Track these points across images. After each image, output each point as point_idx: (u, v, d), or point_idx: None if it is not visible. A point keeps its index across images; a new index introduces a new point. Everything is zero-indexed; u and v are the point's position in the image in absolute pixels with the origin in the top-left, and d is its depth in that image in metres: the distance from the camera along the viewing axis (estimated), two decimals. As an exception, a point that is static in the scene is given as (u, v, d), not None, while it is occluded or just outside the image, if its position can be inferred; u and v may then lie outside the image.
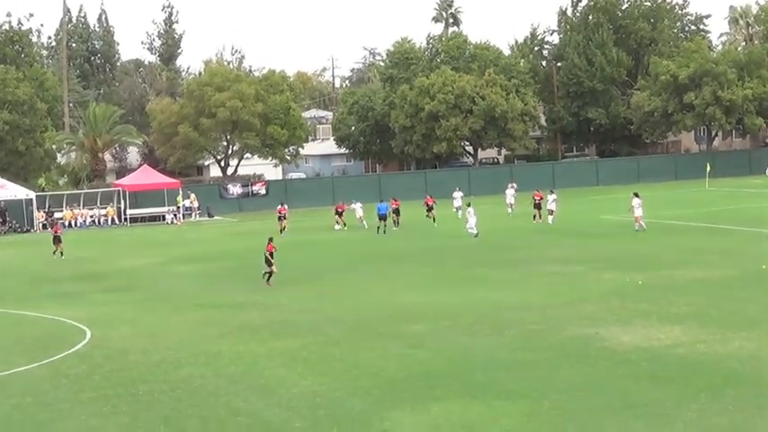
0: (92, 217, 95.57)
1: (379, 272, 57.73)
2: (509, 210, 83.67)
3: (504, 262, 58.66)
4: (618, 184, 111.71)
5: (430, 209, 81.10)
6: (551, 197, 77.28)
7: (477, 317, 43.55)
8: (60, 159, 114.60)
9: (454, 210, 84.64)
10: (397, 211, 79.23)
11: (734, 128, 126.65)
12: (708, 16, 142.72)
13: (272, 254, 53.82)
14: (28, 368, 38.10)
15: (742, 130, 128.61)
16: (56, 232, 70.25)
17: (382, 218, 76.60)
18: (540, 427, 28.28)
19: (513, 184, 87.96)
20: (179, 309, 49.15)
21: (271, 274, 53.90)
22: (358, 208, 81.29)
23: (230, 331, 43.22)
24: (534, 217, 77.75)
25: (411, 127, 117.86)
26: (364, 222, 79.45)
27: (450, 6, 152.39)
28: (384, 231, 74.56)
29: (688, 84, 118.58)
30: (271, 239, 54.35)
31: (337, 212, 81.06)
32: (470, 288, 49.37)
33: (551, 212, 76.66)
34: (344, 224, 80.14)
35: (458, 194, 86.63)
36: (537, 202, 78.12)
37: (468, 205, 71.71)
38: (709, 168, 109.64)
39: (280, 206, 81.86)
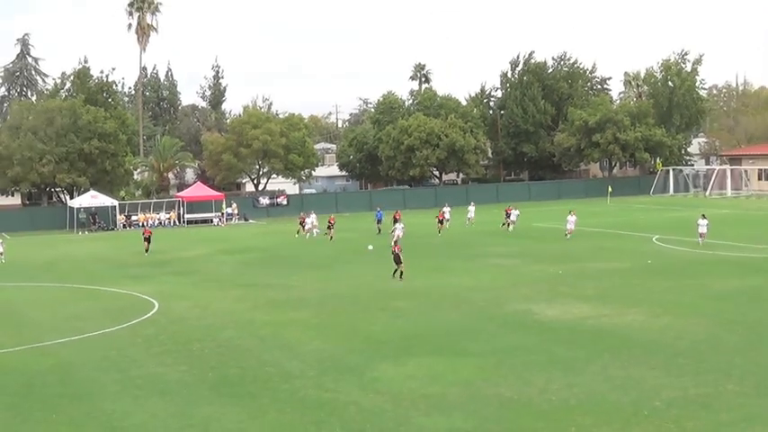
0: (159, 219, 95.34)
1: (371, 263, 57.54)
2: (467, 221, 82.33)
3: (462, 256, 58.59)
4: (545, 200, 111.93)
5: (441, 221, 76.21)
6: (515, 212, 76.27)
7: (442, 296, 43.54)
8: (136, 177, 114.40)
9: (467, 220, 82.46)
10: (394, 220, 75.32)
11: (628, 160, 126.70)
12: (609, 78, 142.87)
13: (398, 254, 49.50)
14: (112, 330, 38.03)
15: (633, 162, 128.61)
16: (147, 234, 68.30)
17: (379, 221, 76.51)
18: (488, 376, 28.25)
19: (472, 203, 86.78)
20: (223, 287, 48.97)
21: (401, 272, 49.08)
22: (312, 219, 76.67)
23: (260, 304, 43.17)
24: (503, 224, 76.38)
25: (394, 156, 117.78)
26: (315, 231, 76.03)
27: (423, 69, 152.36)
28: (379, 231, 74.23)
29: (595, 127, 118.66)
30: (396, 242, 51.52)
31: (300, 223, 77.94)
32: (437, 275, 49.32)
33: (513, 223, 75.25)
34: (298, 232, 76.84)
35: (472, 207, 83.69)
36: (508, 213, 76.71)
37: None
38: (610, 189, 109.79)
39: (303, 213, 79.76)
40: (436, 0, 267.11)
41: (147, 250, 66.02)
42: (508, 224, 75.54)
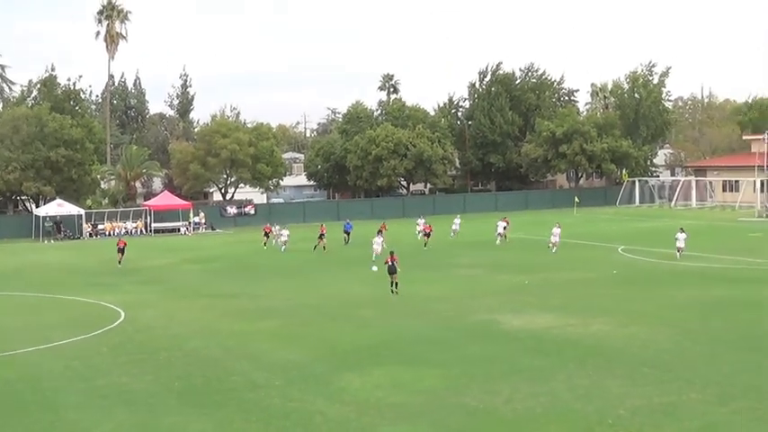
0: (126, 228, 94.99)
1: (339, 272, 57.62)
2: (452, 233, 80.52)
3: (428, 266, 58.69)
4: (511, 210, 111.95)
5: (427, 234, 72.86)
6: (502, 223, 74.06)
7: (409, 305, 43.64)
8: (103, 185, 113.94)
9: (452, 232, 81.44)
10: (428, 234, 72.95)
11: (594, 171, 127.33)
12: (577, 90, 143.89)
13: (393, 264, 47.22)
14: (78, 339, 37.87)
15: (600, 173, 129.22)
16: (121, 245, 66.16)
17: (347, 233, 76.00)
18: (453, 386, 28.33)
19: (458, 216, 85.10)
20: (189, 297, 48.88)
21: (396, 282, 47.14)
22: (284, 234, 74.30)
23: (227, 314, 43.14)
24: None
25: (361, 166, 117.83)
26: (283, 245, 73.22)
27: (391, 79, 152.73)
28: (347, 242, 74.13)
29: (562, 138, 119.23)
30: (392, 252, 48.76)
31: (265, 233, 77.10)
32: (404, 284, 49.35)
33: (501, 235, 72.57)
34: (264, 243, 75.49)
35: (457, 220, 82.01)
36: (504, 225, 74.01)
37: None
38: (576, 200, 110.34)
39: (267, 224, 79.48)
40: (406, 11, 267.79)
41: (120, 261, 64.81)
42: (503, 235, 72.96)
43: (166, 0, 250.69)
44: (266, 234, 76.66)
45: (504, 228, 73.31)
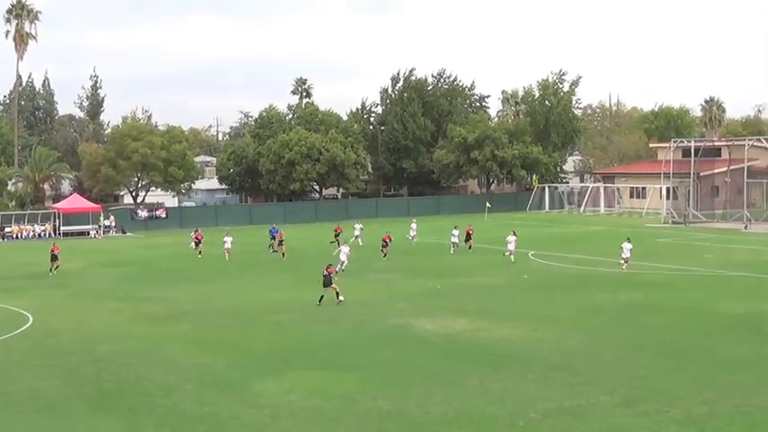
0: (34, 231, 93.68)
1: (254, 277, 57.46)
2: (411, 239, 78.19)
3: (344, 272, 58.58)
4: (423, 215, 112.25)
5: (385, 245, 66.47)
6: (455, 232, 70.42)
7: (323, 310, 43.64)
8: (10, 187, 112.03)
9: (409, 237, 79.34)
10: (469, 236, 70.28)
11: (505, 177, 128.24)
12: (488, 96, 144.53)
13: (329, 276, 45.13)
14: (-14, 344, 37.27)
15: (511, 179, 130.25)
16: (55, 251, 61.63)
17: (273, 237, 73.32)
18: (368, 390, 28.42)
19: (414, 221, 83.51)
20: (100, 300, 48.31)
21: (337, 292, 45.07)
22: (228, 241, 69.26)
23: (138, 318, 42.81)
24: (470, 247, 70.11)
25: (274, 170, 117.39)
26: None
27: (305, 83, 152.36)
28: (270, 248, 73.07)
29: (474, 144, 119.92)
30: (330, 264, 47.07)
31: (197, 241, 72.60)
32: (316, 289, 49.32)
33: (466, 241, 70.08)
34: (200, 252, 71.08)
35: (414, 225, 79.61)
36: (468, 234, 71.32)
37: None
38: (488, 205, 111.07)
39: (198, 231, 74.71)
40: (318, 16, 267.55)
41: (51, 269, 60.84)
42: (470, 245, 70.31)
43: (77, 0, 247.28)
44: (198, 242, 72.65)
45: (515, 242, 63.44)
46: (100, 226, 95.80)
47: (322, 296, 44.79)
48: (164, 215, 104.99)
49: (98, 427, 25.30)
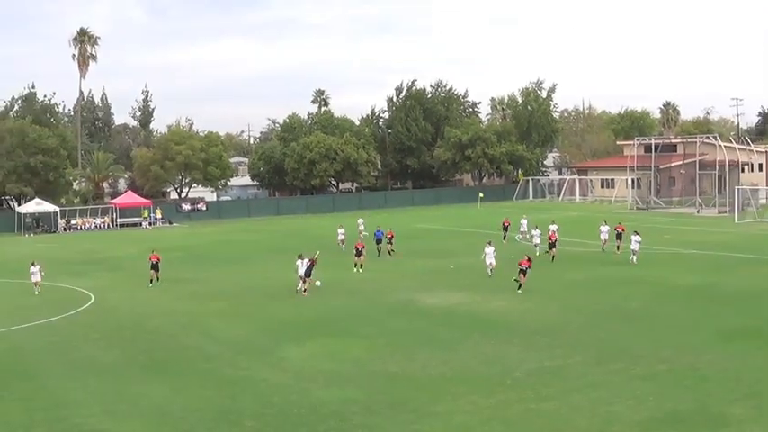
0: (95, 223, 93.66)
1: (278, 260, 57.39)
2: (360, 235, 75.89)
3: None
4: (426, 205, 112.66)
5: (389, 241, 57.45)
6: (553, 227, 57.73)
7: (339, 287, 43.65)
8: (75, 186, 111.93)
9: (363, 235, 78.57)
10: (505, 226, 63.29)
11: (495, 171, 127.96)
12: (479, 103, 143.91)
13: (311, 267, 42.12)
14: (54, 319, 37.35)
15: (500, 173, 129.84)
16: (154, 260, 47.34)
17: (379, 241, 57.67)
18: (377, 355, 28.44)
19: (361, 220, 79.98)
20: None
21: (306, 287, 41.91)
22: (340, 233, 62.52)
23: (182, 296, 42.81)
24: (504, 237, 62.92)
25: (298, 168, 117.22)
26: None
27: (323, 94, 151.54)
28: (379, 253, 57.46)
29: (467, 144, 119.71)
30: (313, 258, 43.47)
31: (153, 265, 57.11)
32: (335, 270, 49.31)
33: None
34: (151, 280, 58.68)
35: (360, 220, 71.15)
36: (505, 225, 64.82)
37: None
38: (481, 196, 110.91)
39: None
40: (333, 37, 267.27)
41: (153, 280, 46.97)
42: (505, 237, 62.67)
43: (131, 26, 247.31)
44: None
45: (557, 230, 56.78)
46: (150, 218, 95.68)
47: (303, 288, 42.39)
48: (204, 208, 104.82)
49: (150, 389, 25.32)
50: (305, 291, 41.86)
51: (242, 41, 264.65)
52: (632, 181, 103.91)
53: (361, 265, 48.85)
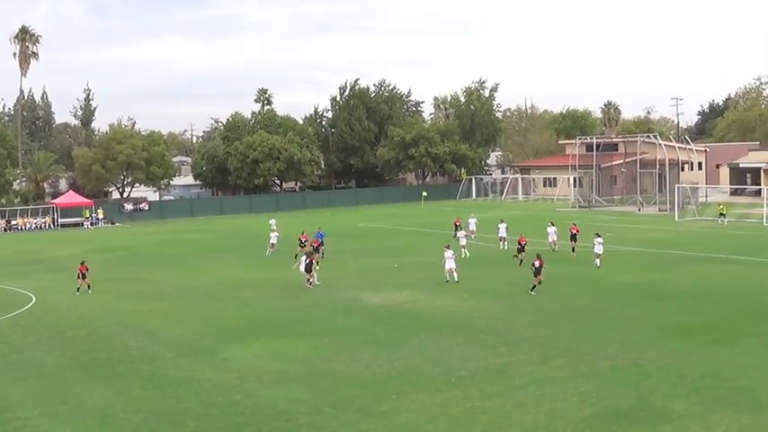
0: (36, 223, 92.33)
1: (220, 259, 57.08)
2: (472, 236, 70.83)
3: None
4: (369, 204, 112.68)
5: (315, 248, 53.15)
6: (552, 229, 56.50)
7: (283, 287, 43.45)
8: (16, 186, 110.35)
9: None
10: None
11: (438, 170, 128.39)
12: (422, 102, 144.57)
13: (311, 264, 42.92)
14: (-7, 321, 36.71)
15: (443, 172, 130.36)
16: (83, 270, 44.36)
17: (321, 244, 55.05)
18: (323, 354, 28.39)
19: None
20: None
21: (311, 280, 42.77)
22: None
23: (126, 296, 42.32)
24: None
25: (241, 168, 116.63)
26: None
27: (266, 93, 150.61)
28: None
29: (411, 143, 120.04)
30: (311, 253, 44.72)
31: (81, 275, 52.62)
32: (277, 269, 49.14)
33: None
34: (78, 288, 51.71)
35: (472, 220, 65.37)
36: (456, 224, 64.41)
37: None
38: (425, 194, 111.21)
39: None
40: (275, 35, 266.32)
41: (80, 288, 44.05)
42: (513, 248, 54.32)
43: (72, 25, 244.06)
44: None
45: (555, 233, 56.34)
46: (92, 218, 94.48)
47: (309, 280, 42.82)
48: (147, 208, 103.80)
49: (92, 390, 25.02)
50: (310, 284, 42.55)
51: (184, 39, 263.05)
52: (574, 180, 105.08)
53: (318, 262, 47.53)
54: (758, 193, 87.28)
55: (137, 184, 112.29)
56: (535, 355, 27.40)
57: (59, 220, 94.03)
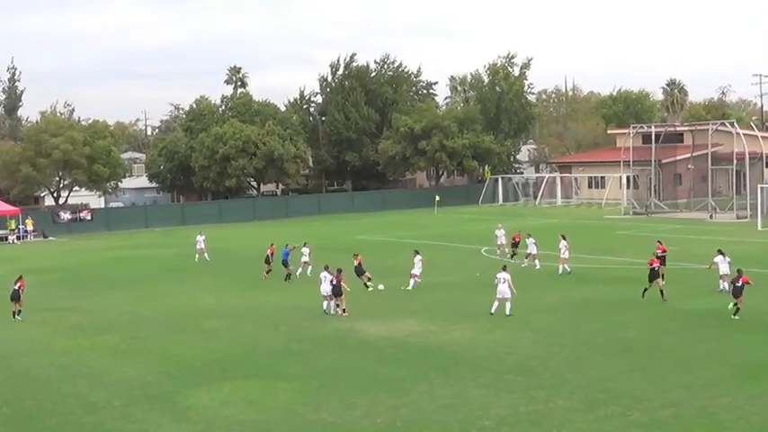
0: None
1: (183, 280, 57.10)
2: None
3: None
4: (368, 211, 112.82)
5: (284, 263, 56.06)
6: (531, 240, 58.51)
7: (260, 315, 43.46)
8: None
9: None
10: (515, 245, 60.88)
11: (455, 168, 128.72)
12: (435, 83, 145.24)
13: (340, 285, 42.68)
14: None
15: (461, 170, 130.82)
16: (20, 288, 45.63)
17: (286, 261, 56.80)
18: (309, 400, 28.32)
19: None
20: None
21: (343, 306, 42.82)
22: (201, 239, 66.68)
23: (62, 329, 42.30)
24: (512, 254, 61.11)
25: (208, 166, 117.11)
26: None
27: (239, 72, 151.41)
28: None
29: (421, 134, 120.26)
30: (340, 270, 43.68)
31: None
32: (253, 293, 49.13)
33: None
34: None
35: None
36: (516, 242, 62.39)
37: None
38: (437, 199, 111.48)
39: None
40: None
41: (16, 312, 45.34)
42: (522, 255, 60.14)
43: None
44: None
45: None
46: (18, 230, 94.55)
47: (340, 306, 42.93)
48: (89, 217, 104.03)
49: (16, 448, 24.99)
50: (344, 311, 42.15)
51: (136, 4, 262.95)
52: (627, 179, 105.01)
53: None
54: None
55: (76, 188, 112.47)
56: (577, 401, 27.31)
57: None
